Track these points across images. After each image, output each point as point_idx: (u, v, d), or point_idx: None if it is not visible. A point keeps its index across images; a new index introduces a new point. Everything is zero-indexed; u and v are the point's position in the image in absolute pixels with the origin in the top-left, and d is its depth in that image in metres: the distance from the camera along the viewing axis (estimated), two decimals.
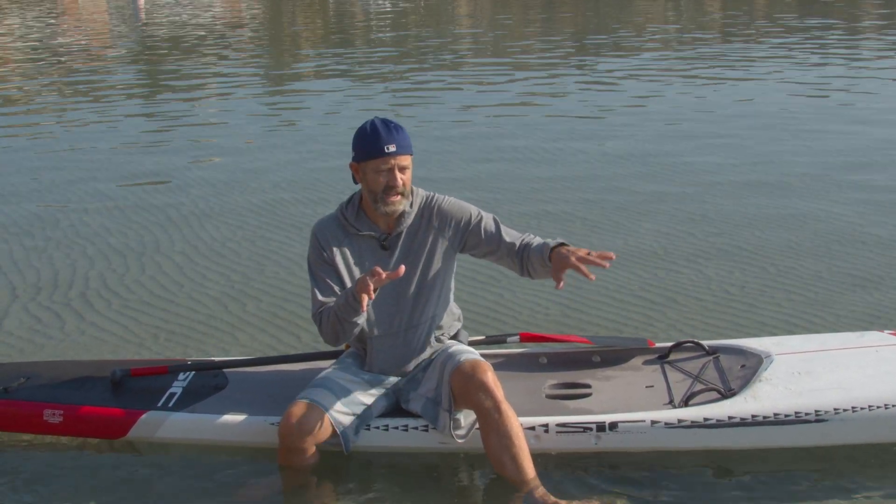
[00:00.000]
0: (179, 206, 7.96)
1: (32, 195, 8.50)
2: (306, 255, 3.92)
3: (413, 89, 14.33)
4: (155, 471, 3.94)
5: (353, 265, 3.84)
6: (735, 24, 23.09)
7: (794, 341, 4.41)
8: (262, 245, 6.86)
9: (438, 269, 3.87)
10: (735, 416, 3.80)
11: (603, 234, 7.07)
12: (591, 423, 3.82)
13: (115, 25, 25.94)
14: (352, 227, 3.84)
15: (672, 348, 4.42)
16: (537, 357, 4.41)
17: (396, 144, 3.71)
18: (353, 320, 3.66)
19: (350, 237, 3.86)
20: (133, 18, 28.59)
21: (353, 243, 3.85)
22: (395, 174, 3.72)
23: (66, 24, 26.65)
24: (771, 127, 10.72)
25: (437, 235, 3.86)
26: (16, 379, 4.25)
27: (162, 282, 6.27)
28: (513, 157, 9.64)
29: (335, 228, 3.87)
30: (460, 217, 3.87)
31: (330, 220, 3.91)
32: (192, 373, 4.32)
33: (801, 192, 8.07)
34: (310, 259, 3.89)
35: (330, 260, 3.83)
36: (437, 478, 3.84)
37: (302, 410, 3.67)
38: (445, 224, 3.86)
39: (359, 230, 3.84)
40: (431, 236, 3.85)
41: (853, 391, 3.86)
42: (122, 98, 14.03)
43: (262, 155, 9.97)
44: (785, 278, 6.09)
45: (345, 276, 3.82)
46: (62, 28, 25.47)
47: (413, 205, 3.85)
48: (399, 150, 3.72)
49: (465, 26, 25.22)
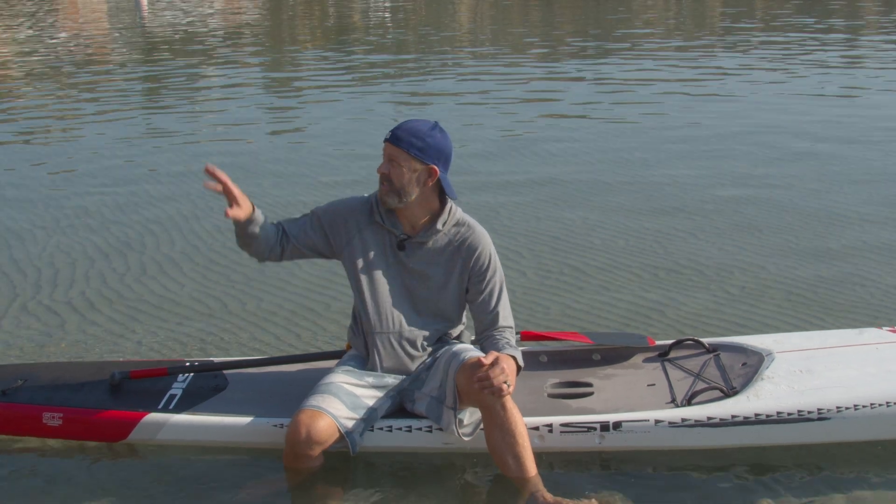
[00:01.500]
0: (180, 206, 7.94)
1: (32, 194, 8.47)
2: None
3: (412, 90, 14.31)
4: (155, 473, 3.91)
5: (367, 252, 3.83)
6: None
7: (793, 339, 4.41)
8: None
9: (453, 289, 3.85)
10: (738, 415, 3.80)
11: (603, 233, 7.06)
12: (594, 422, 3.82)
13: (118, 25, 25.88)
14: (378, 216, 3.83)
15: (672, 346, 4.42)
16: (537, 355, 4.41)
17: (393, 134, 3.70)
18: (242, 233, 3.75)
19: (373, 225, 3.85)
20: (136, 15, 28.57)
21: (374, 231, 3.84)
22: (384, 163, 3.72)
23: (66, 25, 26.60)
24: (772, 129, 10.71)
25: (459, 263, 3.82)
26: (14, 381, 4.22)
27: (162, 282, 6.25)
28: (523, 157, 9.62)
29: (364, 210, 3.86)
30: (478, 262, 3.82)
31: (362, 201, 3.90)
32: (191, 374, 4.30)
33: (799, 191, 8.07)
34: (320, 207, 3.91)
35: (341, 230, 3.83)
36: (440, 478, 3.83)
37: (310, 418, 3.64)
38: (470, 258, 3.82)
39: (383, 221, 3.82)
40: (454, 262, 3.83)
41: (855, 389, 3.86)
42: (124, 97, 13.97)
43: (261, 154, 9.95)
44: (782, 275, 6.09)
45: (358, 262, 3.82)
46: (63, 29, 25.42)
47: (445, 224, 3.82)
48: (391, 139, 3.70)
49: (465, 27, 25.19)
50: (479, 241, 3.83)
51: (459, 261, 3.82)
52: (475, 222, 3.88)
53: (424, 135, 3.70)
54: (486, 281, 3.82)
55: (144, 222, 7.55)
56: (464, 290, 3.86)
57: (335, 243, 3.87)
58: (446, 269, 3.83)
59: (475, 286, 3.83)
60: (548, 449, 3.81)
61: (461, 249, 3.82)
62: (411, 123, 3.74)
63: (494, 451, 3.64)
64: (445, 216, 3.82)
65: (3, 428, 4.11)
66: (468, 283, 3.84)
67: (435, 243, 3.81)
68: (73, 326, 5.57)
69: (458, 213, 3.87)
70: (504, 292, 3.87)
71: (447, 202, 3.84)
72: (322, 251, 3.91)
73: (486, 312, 3.83)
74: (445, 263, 3.82)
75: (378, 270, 3.84)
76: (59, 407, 4.05)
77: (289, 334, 5.40)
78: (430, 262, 3.82)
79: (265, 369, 4.37)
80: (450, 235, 3.82)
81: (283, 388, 4.14)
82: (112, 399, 4.13)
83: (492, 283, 3.83)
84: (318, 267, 6.22)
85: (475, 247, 3.82)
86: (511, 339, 3.82)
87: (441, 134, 3.74)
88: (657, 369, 4.28)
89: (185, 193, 8.34)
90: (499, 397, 3.53)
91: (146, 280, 6.29)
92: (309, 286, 6.09)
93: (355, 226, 3.85)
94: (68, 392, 4.17)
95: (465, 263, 3.82)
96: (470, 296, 3.86)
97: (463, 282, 3.84)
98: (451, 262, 3.82)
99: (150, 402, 4.08)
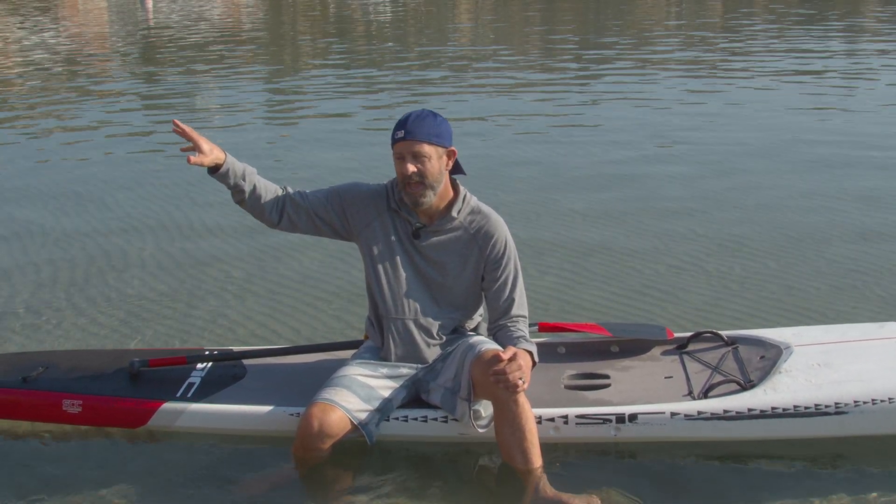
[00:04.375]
0: (200, 191, 7.98)
1: (50, 185, 8.53)
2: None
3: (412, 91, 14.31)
4: (173, 460, 3.94)
5: (382, 239, 3.82)
6: None
7: (813, 332, 4.38)
8: (280, 237, 6.86)
9: (469, 278, 3.84)
10: (755, 409, 3.78)
11: (626, 226, 7.05)
12: (610, 414, 3.81)
13: (121, 26, 25.95)
14: (394, 203, 3.82)
15: (691, 338, 4.40)
16: (556, 347, 4.40)
17: (407, 131, 3.64)
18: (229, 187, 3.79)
19: (390, 211, 3.84)
20: (140, 13, 28.65)
21: (390, 218, 3.83)
22: (405, 163, 3.66)
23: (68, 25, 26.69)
24: (793, 120, 10.66)
25: (475, 251, 3.81)
26: (34, 368, 4.26)
27: (181, 272, 6.28)
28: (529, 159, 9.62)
29: (380, 197, 3.85)
30: (494, 249, 3.80)
31: (380, 189, 3.88)
32: (210, 363, 4.32)
33: (821, 182, 8.03)
34: (344, 185, 3.90)
35: (359, 212, 3.83)
36: (453, 467, 3.85)
37: (322, 411, 3.65)
38: (486, 246, 3.80)
39: (399, 209, 3.82)
40: (469, 250, 3.81)
41: (873, 383, 3.84)
42: (128, 97, 14.04)
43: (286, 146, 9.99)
44: (804, 268, 6.06)
45: (373, 248, 3.81)
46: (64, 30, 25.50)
47: (462, 212, 3.81)
48: (408, 136, 3.64)
49: (465, 28, 25.12)
50: (496, 228, 3.81)
51: (475, 249, 3.81)
52: (491, 210, 3.86)
53: (432, 122, 3.69)
54: (502, 268, 3.81)
55: (164, 209, 7.59)
56: (479, 278, 3.85)
57: (353, 223, 3.85)
58: (462, 258, 3.81)
59: (490, 274, 3.82)
60: (563, 440, 3.81)
61: (477, 237, 3.80)
62: (414, 117, 3.70)
63: (503, 444, 3.64)
64: (460, 204, 3.81)
65: (24, 414, 4.15)
66: (483, 271, 3.83)
67: (450, 232, 3.80)
68: (92, 315, 5.60)
69: (472, 200, 3.85)
70: (520, 280, 3.85)
71: (461, 190, 3.83)
72: (336, 228, 3.87)
73: (501, 300, 3.82)
74: (461, 252, 3.81)
75: (394, 257, 3.83)
76: (79, 394, 4.08)
77: (307, 325, 5.41)
78: (446, 250, 3.81)
79: (283, 359, 4.38)
80: (465, 224, 3.81)
81: (301, 377, 4.15)
82: (131, 387, 4.16)
83: (507, 270, 3.81)
84: (337, 258, 6.23)
85: (491, 234, 3.80)
86: (525, 330, 3.81)
87: (439, 116, 3.75)
88: (675, 362, 4.27)
89: (204, 178, 8.37)
90: (513, 393, 3.53)
91: (166, 270, 6.33)
92: (329, 275, 6.10)
93: (375, 210, 3.84)
94: (88, 380, 4.19)
95: (480, 251, 3.80)
96: (485, 284, 3.84)
97: (479, 270, 3.83)
98: (467, 250, 3.81)
99: (169, 391, 4.10)
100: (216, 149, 3.69)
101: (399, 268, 3.83)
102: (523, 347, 3.70)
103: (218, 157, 3.68)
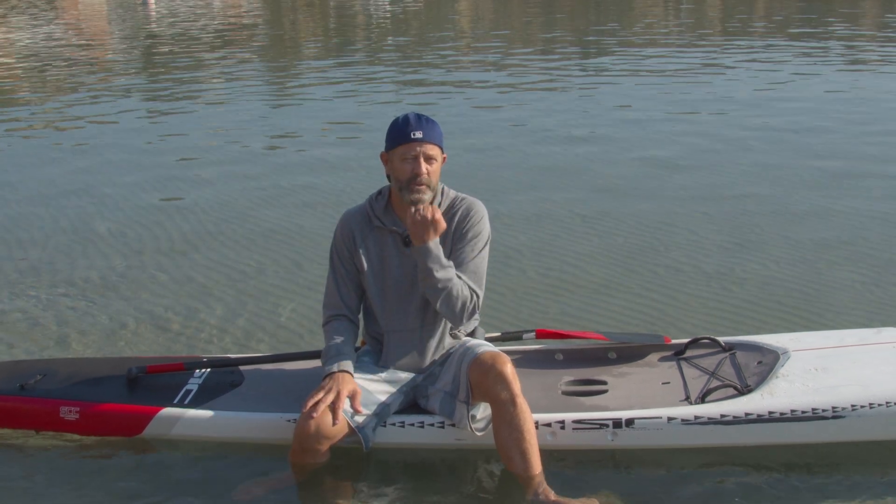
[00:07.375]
0: (196, 202, 7.99)
1: (51, 189, 8.53)
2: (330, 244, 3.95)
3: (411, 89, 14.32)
4: (170, 467, 3.94)
5: (374, 258, 3.84)
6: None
7: (810, 338, 4.38)
8: (279, 240, 6.88)
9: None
10: (752, 413, 3.78)
11: (625, 228, 7.05)
12: (607, 419, 3.81)
13: (122, 24, 25.98)
14: (377, 220, 3.84)
15: (688, 345, 4.40)
16: (553, 353, 4.40)
17: (424, 132, 3.71)
18: None
19: (375, 230, 3.86)
20: (142, 11, 28.68)
21: (377, 237, 3.85)
22: (419, 162, 3.70)
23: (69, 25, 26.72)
24: (792, 119, 10.67)
25: (455, 237, 3.83)
26: (32, 376, 4.26)
27: (179, 278, 6.29)
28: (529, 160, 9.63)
29: (361, 220, 3.88)
30: (467, 221, 3.82)
31: (357, 212, 3.91)
32: (207, 369, 4.33)
33: (822, 187, 8.03)
34: (333, 248, 3.92)
35: (351, 251, 3.85)
36: (451, 474, 3.84)
37: (319, 413, 3.65)
38: (461, 228, 3.83)
39: (384, 224, 3.83)
40: (450, 239, 3.82)
41: (870, 388, 3.83)
42: (129, 96, 14.06)
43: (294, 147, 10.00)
44: (801, 274, 6.06)
45: (365, 268, 3.83)
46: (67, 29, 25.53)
47: (441, 205, 3.83)
48: (426, 138, 3.71)
49: (466, 29, 25.14)
50: (472, 206, 3.86)
51: (454, 233, 3.82)
52: (469, 196, 3.90)
53: (436, 125, 3.76)
54: (469, 239, 3.81)
55: (162, 218, 7.59)
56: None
57: (357, 261, 3.88)
58: (450, 250, 3.82)
59: (458, 243, 3.82)
60: (560, 446, 3.81)
61: (454, 220, 3.83)
62: (418, 117, 3.75)
63: (501, 446, 3.64)
64: (439, 198, 3.84)
65: (21, 422, 4.16)
66: (452, 242, 3.82)
67: None
68: (90, 322, 5.61)
69: (450, 192, 3.89)
70: (483, 258, 3.83)
71: (438, 185, 3.85)
72: (368, 275, 3.89)
73: (458, 267, 3.77)
74: (446, 242, 3.81)
75: (387, 272, 3.85)
76: (77, 401, 4.09)
77: (305, 331, 5.42)
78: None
79: (281, 365, 4.38)
80: (448, 216, 3.83)
81: (299, 384, 4.14)
82: (129, 393, 4.16)
83: (474, 241, 3.81)
84: None
85: (468, 211, 3.84)
86: (468, 290, 3.75)
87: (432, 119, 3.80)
88: (672, 367, 4.27)
89: (202, 188, 8.38)
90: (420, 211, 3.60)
91: (163, 277, 6.33)
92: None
93: (359, 235, 3.87)
94: (85, 387, 4.20)
95: (457, 232, 3.82)
96: (452, 255, 3.81)
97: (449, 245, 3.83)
98: (449, 238, 3.82)
99: (167, 397, 4.10)
100: (349, 382, 3.73)
101: (393, 282, 3.84)
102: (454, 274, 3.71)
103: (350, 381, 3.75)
